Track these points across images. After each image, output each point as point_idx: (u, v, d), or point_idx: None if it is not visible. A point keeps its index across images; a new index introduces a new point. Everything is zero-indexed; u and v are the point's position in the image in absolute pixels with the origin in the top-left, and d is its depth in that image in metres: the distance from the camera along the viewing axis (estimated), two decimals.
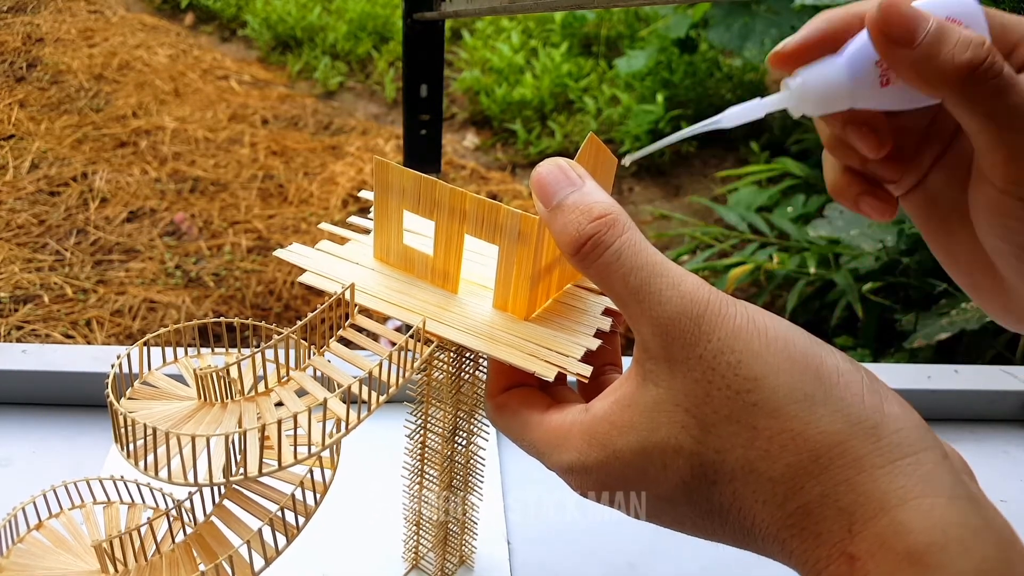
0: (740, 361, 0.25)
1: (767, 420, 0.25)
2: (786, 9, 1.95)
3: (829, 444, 0.24)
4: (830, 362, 0.25)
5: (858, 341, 1.44)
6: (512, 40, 2.75)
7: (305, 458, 0.33)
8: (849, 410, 0.24)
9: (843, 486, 0.24)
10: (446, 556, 0.48)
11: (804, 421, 0.24)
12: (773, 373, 0.25)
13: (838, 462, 0.24)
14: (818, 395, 0.25)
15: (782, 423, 0.25)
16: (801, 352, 0.25)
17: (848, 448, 0.24)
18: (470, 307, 0.37)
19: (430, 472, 0.44)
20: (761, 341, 0.25)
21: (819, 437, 0.24)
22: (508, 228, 0.34)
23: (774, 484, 0.25)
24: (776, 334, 0.26)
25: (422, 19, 0.90)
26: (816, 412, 0.24)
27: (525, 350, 0.34)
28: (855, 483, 0.23)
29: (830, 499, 0.23)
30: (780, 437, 0.24)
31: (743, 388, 0.25)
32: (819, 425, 0.24)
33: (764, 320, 0.26)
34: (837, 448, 0.24)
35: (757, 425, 0.25)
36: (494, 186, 2.24)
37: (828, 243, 1.53)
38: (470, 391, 0.40)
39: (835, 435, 0.24)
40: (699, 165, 2.36)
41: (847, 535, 0.23)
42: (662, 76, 2.45)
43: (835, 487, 0.24)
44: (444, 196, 0.35)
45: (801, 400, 0.25)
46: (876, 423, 0.24)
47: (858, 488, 0.23)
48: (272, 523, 0.36)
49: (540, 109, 2.53)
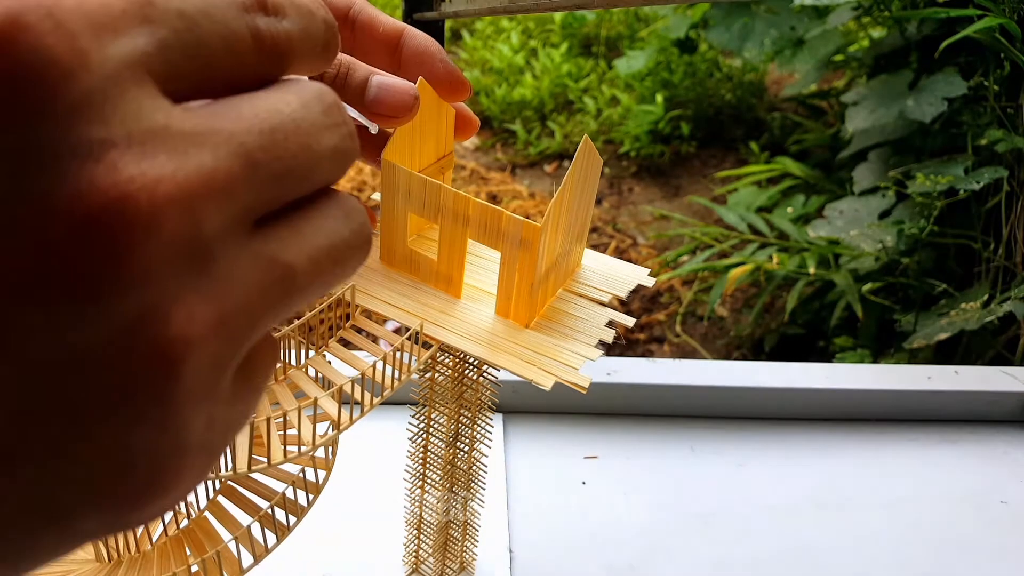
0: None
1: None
2: (786, 9, 1.94)
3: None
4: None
5: (858, 341, 1.44)
6: (512, 40, 2.75)
7: (296, 456, 0.33)
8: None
9: None
10: (446, 561, 0.48)
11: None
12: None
13: None
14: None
15: None
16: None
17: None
18: (471, 312, 0.37)
19: (432, 476, 0.44)
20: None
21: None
22: (510, 234, 0.34)
23: None
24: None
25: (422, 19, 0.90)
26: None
27: (524, 357, 0.34)
28: None
29: None
30: None
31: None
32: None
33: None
34: None
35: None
36: (494, 186, 2.23)
37: (828, 243, 1.53)
38: (472, 396, 0.40)
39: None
40: (699, 165, 2.36)
41: None
42: (662, 76, 2.45)
43: None
44: (448, 200, 0.35)
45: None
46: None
47: None
48: (262, 521, 0.36)
49: (540, 109, 2.53)
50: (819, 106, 2.18)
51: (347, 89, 0.31)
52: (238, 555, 0.35)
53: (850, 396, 0.68)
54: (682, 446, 0.65)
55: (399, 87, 0.32)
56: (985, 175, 1.25)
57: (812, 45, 1.84)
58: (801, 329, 1.61)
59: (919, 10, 1.50)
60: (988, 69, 1.35)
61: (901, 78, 1.50)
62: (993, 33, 1.18)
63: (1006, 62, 1.31)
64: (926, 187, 1.26)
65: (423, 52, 0.35)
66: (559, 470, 0.62)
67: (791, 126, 2.29)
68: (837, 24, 1.79)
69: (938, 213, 1.28)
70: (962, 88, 1.37)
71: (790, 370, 0.69)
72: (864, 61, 1.77)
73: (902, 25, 1.57)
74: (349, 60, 0.32)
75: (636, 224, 2.11)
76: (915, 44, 1.56)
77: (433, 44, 0.35)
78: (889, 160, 1.55)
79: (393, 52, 0.35)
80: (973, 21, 1.17)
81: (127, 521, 0.16)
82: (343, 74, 0.31)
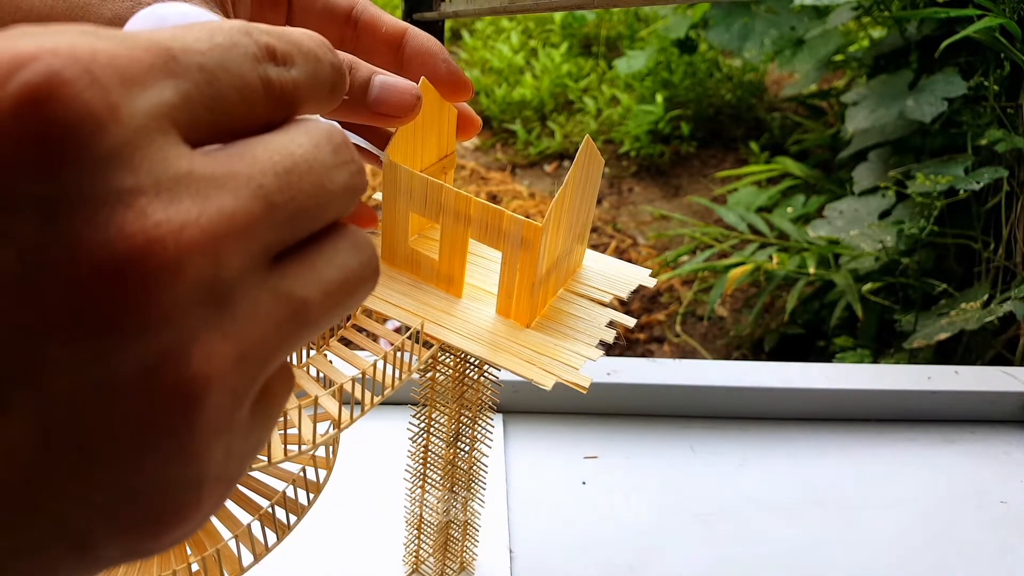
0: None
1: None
2: (786, 9, 1.94)
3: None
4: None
5: (858, 341, 1.44)
6: (512, 40, 2.75)
7: (296, 455, 0.33)
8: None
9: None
10: (446, 561, 0.48)
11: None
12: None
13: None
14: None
15: None
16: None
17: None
18: (472, 312, 0.37)
19: (432, 476, 0.44)
20: None
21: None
22: (511, 234, 0.34)
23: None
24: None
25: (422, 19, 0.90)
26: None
27: (525, 357, 0.34)
28: None
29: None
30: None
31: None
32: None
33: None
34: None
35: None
36: (494, 186, 2.23)
37: (828, 243, 1.53)
38: (473, 396, 0.40)
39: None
40: (699, 165, 2.36)
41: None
42: (662, 76, 2.45)
43: None
44: (449, 200, 0.35)
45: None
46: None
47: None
48: (263, 519, 0.36)
49: (540, 109, 2.53)
50: (819, 106, 2.18)
51: (350, 89, 0.32)
52: (238, 553, 0.35)
53: (850, 396, 0.68)
54: (682, 446, 0.65)
55: (401, 87, 0.32)
56: (985, 175, 1.25)
57: (812, 45, 1.84)
58: (801, 329, 1.61)
59: (919, 10, 1.50)
60: (988, 69, 1.35)
61: (901, 78, 1.50)
62: (993, 33, 1.18)
63: (1006, 62, 1.31)
64: (926, 187, 1.26)
65: (425, 52, 0.35)
66: (559, 470, 0.62)
67: (791, 126, 2.29)
68: (837, 24, 1.79)
69: (938, 213, 1.28)
70: (962, 88, 1.37)
71: (790, 370, 0.69)
72: (864, 61, 1.77)
73: (902, 25, 1.57)
74: (352, 59, 0.32)
75: (636, 224, 2.11)
76: (915, 44, 1.56)
77: (435, 44, 0.35)
78: (889, 160, 1.55)
79: (395, 52, 0.35)
80: (973, 21, 1.17)
81: (146, 549, 0.16)
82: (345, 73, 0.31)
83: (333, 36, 0.35)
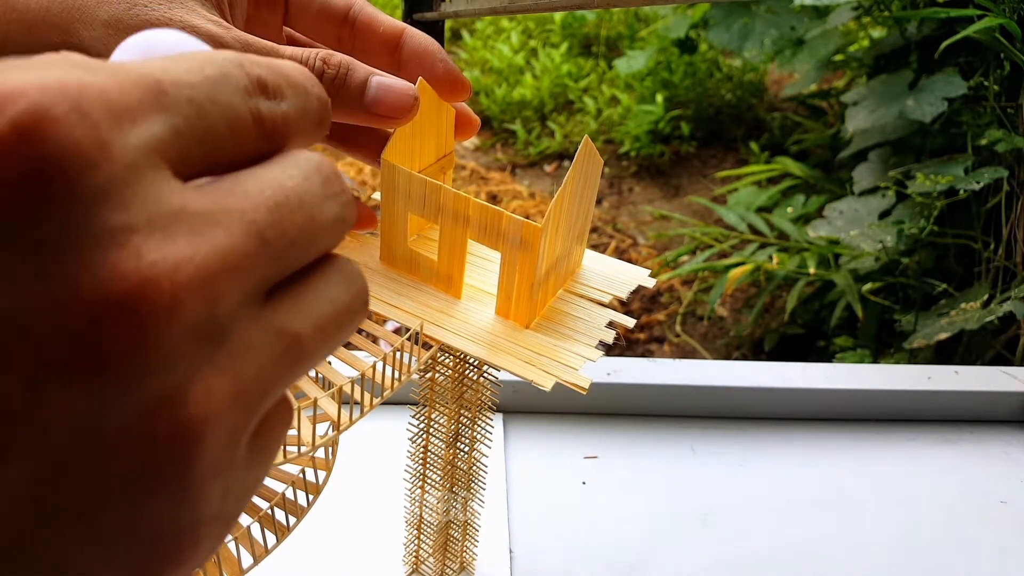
0: None
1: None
2: (786, 9, 1.94)
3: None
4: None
5: (858, 341, 1.44)
6: (512, 40, 2.75)
7: (295, 457, 0.33)
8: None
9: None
10: (446, 562, 0.48)
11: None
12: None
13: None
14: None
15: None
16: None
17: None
18: (471, 313, 0.37)
19: (432, 476, 0.44)
20: None
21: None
22: (510, 235, 0.34)
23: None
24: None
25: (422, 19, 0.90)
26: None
27: (524, 358, 0.34)
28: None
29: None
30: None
31: None
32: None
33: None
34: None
35: None
36: (494, 186, 2.23)
37: (828, 243, 1.53)
38: (473, 397, 0.40)
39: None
40: (699, 165, 2.36)
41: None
42: (662, 76, 2.45)
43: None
44: (448, 201, 0.35)
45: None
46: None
47: None
48: (262, 521, 0.36)
49: (540, 109, 2.53)
50: (819, 106, 2.18)
51: (346, 90, 0.31)
52: (238, 555, 0.35)
53: (850, 396, 0.68)
54: (682, 446, 0.65)
55: (399, 88, 0.32)
56: (985, 175, 1.25)
57: (812, 45, 1.84)
58: (801, 329, 1.61)
59: (919, 10, 1.50)
60: (988, 69, 1.35)
61: (901, 78, 1.50)
62: (993, 33, 1.18)
63: (1006, 62, 1.31)
64: (926, 187, 1.26)
65: (423, 52, 0.35)
66: (559, 470, 0.62)
67: (791, 126, 2.29)
68: (837, 24, 1.79)
69: (938, 213, 1.28)
70: (962, 88, 1.37)
71: (790, 370, 0.69)
72: (864, 61, 1.77)
73: (902, 25, 1.57)
74: (349, 61, 0.32)
75: (636, 224, 2.11)
76: (915, 44, 1.56)
77: (433, 44, 0.35)
78: (889, 160, 1.55)
79: (393, 52, 0.35)
80: (973, 21, 1.17)
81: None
82: (342, 75, 0.31)
83: (330, 36, 0.35)
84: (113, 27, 0.28)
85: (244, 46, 0.30)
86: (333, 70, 0.31)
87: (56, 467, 0.14)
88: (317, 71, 0.31)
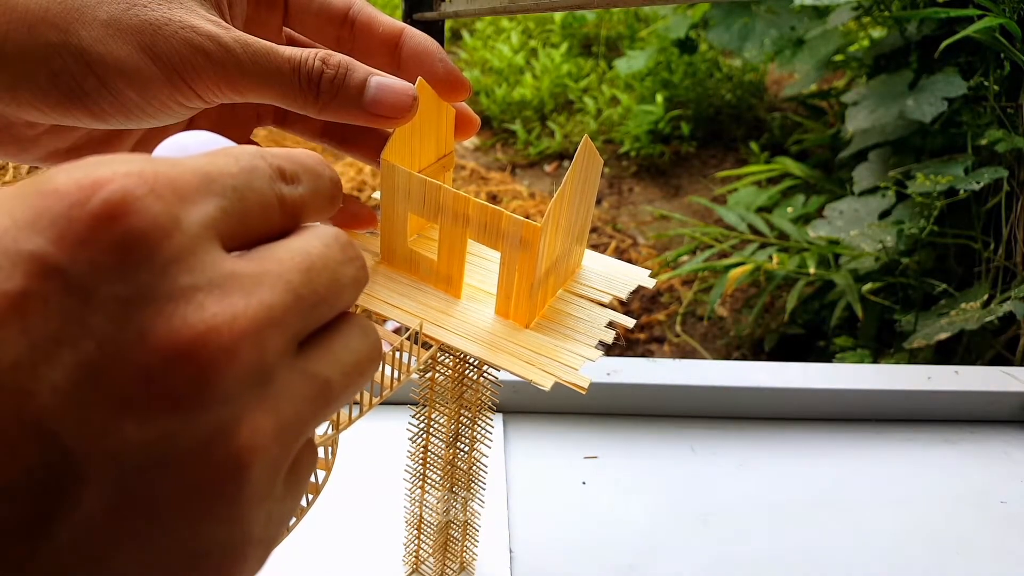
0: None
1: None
2: (786, 10, 1.94)
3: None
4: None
5: (858, 341, 1.44)
6: (512, 40, 2.75)
7: None
8: None
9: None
10: (446, 562, 0.48)
11: None
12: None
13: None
14: None
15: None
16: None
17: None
18: (471, 312, 0.37)
19: (432, 476, 0.44)
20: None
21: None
22: (510, 234, 0.34)
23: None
24: None
25: (422, 19, 0.90)
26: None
27: (524, 358, 0.34)
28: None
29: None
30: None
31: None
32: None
33: None
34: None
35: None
36: (494, 186, 2.23)
37: (828, 243, 1.53)
38: (473, 397, 0.40)
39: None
40: (699, 165, 2.36)
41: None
42: (662, 76, 2.45)
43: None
44: (448, 200, 0.35)
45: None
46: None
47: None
48: None
49: (540, 109, 2.53)
50: (819, 106, 2.18)
51: (345, 90, 0.31)
52: None
53: (850, 396, 0.68)
54: (682, 446, 0.65)
55: (398, 88, 0.32)
56: (985, 175, 1.25)
57: (812, 45, 1.84)
58: (801, 329, 1.61)
59: (919, 10, 1.50)
60: (988, 69, 1.35)
61: (901, 78, 1.50)
62: (993, 33, 1.18)
63: (1006, 62, 1.31)
64: (926, 187, 1.26)
65: (422, 52, 0.35)
66: (559, 470, 0.62)
67: (791, 126, 2.29)
68: (837, 24, 1.79)
69: (938, 213, 1.28)
70: (962, 88, 1.37)
71: (790, 370, 0.69)
72: (864, 61, 1.77)
73: (902, 25, 1.57)
74: (348, 61, 0.32)
75: (636, 224, 2.11)
76: (915, 44, 1.56)
77: (433, 44, 0.35)
78: (889, 160, 1.55)
79: (392, 52, 0.35)
80: (973, 21, 1.17)
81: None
82: (341, 75, 0.31)
83: (330, 36, 0.35)
84: (112, 27, 0.28)
85: (243, 46, 0.30)
86: (332, 70, 0.31)
87: (128, 493, 0.16)
88: (316, 71, 0.31)
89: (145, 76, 0.29)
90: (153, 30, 0.29)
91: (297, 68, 0.31)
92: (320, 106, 0.31)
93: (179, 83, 0.29)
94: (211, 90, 0.30)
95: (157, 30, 0.29)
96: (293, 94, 0.31)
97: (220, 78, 0.30)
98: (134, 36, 0.29)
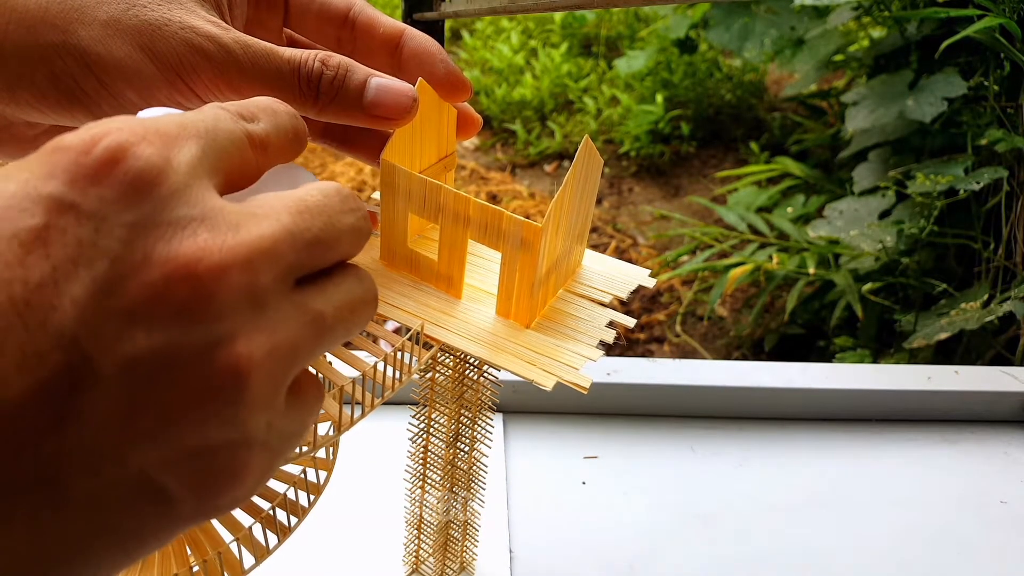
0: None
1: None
2: (786, 10, 1.94)
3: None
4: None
5: (858, 341, 1.44)
6: (512, 40, 2.75)
7: (297, 457, 0.33)
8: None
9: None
10: (446, 562, 0.48)
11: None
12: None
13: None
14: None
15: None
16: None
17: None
18: (472, 313, 0.37)
19: (432, 476, 0.44)
20: None
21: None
22: (511, 235, 0.34)
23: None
24: None
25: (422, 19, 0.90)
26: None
27: (525, 358, 0.34)
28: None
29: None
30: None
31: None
32: None
33: None
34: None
35: None
36: (494, 186, 2.23)
37: (828, 243, 1.53)
38: (473, 397, 0.40)
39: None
40: (699, 165, 2.36)
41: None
42: (662, 76, 2.45)
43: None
44: (448, 201, 0.35)
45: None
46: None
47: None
48: (264, 522, 0.36)
49: (540, 109, 2.53)
50: (819, 106, 2.18)
51: (345, 91, 0.31)
52: (240, 556, 0.35)
53: (850, 396, 0.68)
54: (682, 446, 0.65)
55: (398, 89, 0.32)
56: (985, 175, 1.25)
57: (812, 45, 1.84)
58: (801, 329, 1.61)
59: (919, 10, 1.50)
60: (988, 69, 1.35)
61: (901, 78, 1.50)
62: (993, 33, 1.18)
63: (1006, 62, 1.31)
64: (926, 187, 1.26)
65: (423, 53, 0.35)
66: (559, 470, 0.62)
67: (791, 126, 2.29)
68: (837, 24, 1.79)
69: (938, 213, 1.28)
70: (962, 88, 1.37)
71: (790, 370, 0.69)
72: (864, 61, 1.77)
73: (902, 25, 1.57)
74: (347, 62, 0.32)
75: (636, 224, 2.11)
76: (915, 44, 1.56)
77: (433, 45, 0.35)
78: (889, 160, 1.55)
79: (393, 53, 0.35)
80: (973, 21, 1.17)
81: (212, 508, 0.20)
82: (341, 76, 0.31)
83: (330, 37, 0.35)
84: (112, 27, 0.29)
85: (243, 47, 0.30)
86: (332, 71, 0.31)
87: (140, 394, 0.18)
88: (316, 72, 0.31)
89: (145, 76, 0.29)
90: (153, 30, 0.29)
91: (297, 69, 0.31)
92: (320, 107, 0.32)
93: (178, 83, 0.29)
94: (210, 90, 0.30)
95: (157, 30, 0.29)
96: (293, 95, 0.31)
97: (219, 79, 0.30)
98: (134, 36, 0.29)
